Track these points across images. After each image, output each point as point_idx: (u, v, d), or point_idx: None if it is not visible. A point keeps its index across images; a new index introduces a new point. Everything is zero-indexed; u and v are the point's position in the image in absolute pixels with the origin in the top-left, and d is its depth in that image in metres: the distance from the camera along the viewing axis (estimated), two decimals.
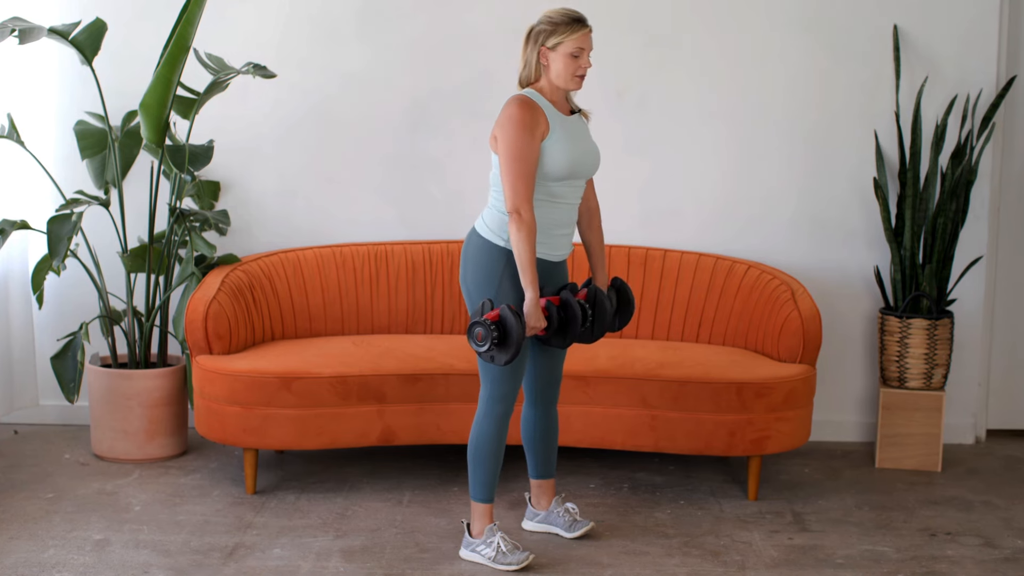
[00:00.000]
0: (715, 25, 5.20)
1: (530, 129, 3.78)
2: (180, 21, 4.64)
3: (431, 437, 4.56)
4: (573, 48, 3.82)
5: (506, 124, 3.79)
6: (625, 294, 4.15)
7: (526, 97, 3.85)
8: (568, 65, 3.84)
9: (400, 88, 5.24)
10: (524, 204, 3.77)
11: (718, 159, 5.26)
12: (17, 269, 5.12)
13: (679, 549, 4.13)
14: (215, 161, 5.16)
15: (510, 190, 3.78)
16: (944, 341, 4.98)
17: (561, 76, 3.85)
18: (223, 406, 4.50)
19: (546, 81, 3.88)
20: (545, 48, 3.84)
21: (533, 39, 3.87)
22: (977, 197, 5.18)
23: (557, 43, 3.82)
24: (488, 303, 3.80)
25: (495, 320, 3.75)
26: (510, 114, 3.80)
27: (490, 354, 3.78)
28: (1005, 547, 4.21)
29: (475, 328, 3.77)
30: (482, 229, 3.93)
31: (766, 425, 4.47)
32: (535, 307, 3.81)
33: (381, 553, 4.05)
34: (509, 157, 3.78)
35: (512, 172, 3.78)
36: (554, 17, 3.83)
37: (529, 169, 3.78)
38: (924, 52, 5.15)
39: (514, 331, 3.74)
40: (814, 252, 5.26)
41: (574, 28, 3.82)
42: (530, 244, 3.77)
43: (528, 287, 3.80)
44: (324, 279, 5.04)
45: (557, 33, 3.82)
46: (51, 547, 4.06)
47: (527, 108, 3.80)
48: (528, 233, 3.77)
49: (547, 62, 3.86)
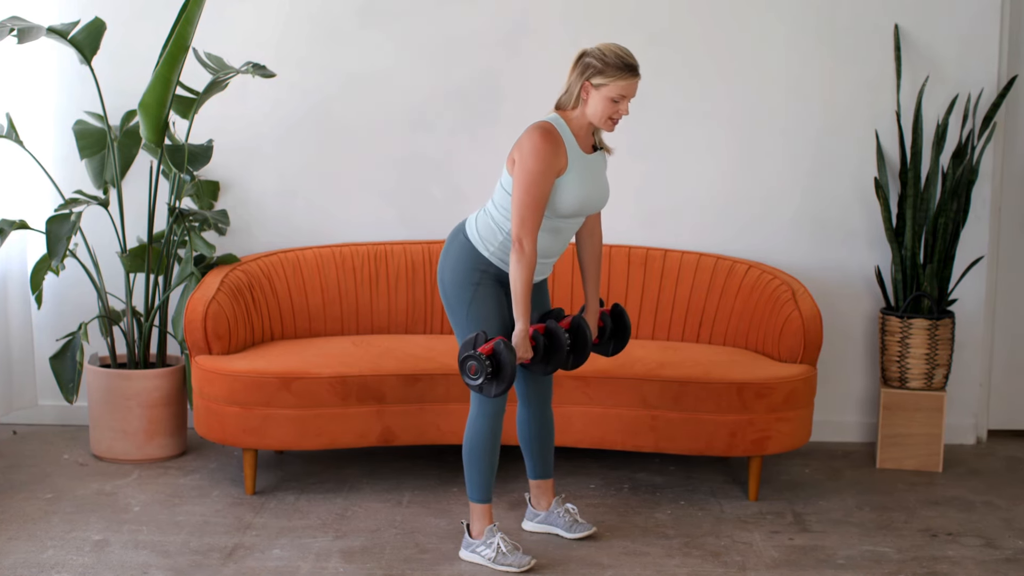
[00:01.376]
0: (715, 25, 5.19)
1: (550, 164, 3.77)
2: (179, 20, 4.63)
3: (431, 437, 4.55)
4: (616, 93, 3.79)
5: (528, 153, 3.77)
6: (622, 321, 4.16)
7: (552, 128, 3.82)
8: (606, 108, 3.81)
9: (400, 88, 5.23)
10: (528, 236, 3.77)
11: (718, 159, 5.25)
12: (16, 269, 5.11)
13: (679, 550, 4.12)
14: (214, 161, 5.15)
15: (518, 220, 3.77)
16: (945, 341, 4.97)
17: (596, 115, 3.83)
18: (222, 406, 4.49)
19: (580, 113, 3.86)
20: (589, 83, 3.80)
21: (581, 68, 3.81)
22: (978, 197, 5.17)
23: (602, 84, 3.78)
24: (482, 335, 3.81)
25: (489, 354, 3.77)
26: (533, 144, 3.77)
27: (480, 386, 3.80)
28: (1006, 548, 4.20)
29: (468, 362, 3.79)
30: (471, 232, 3.93)
31: (767, 425, 4.46)
32: (524, 338, 3.84)
33: (381, 554, 4.05)
34: (523, 188, 3.77)
35: (523, 203, 3.77)
36: (608, 57, 3.78)
37: (541, 203, 3.78)
38: (925, 51, 5.14)
39: (508, 365, 3.76)
40: (815, 252, 5.26)
41: (623, 75, 3.78)
42: (528, 276, 3.79)
43: (520, 318, 3.83)
44: (324, 279, 5.03)
45: (606, 75, 3.77)
46: (50, 548, 4.05)
47: (550, 141, 3.78)
48: (527, 266, 3.78)
49: (587, 97, 3.82)
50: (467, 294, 3.90)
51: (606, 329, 4.15)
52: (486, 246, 3.91)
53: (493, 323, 3.90)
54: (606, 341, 4.17)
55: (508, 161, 3.85)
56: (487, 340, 3.80)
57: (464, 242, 3.94)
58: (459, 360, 3.82)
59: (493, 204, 3.92)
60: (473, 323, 3.89)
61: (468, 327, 3.90)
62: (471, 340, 3.81)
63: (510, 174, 3.83)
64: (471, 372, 3.78)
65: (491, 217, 3.91)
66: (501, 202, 3.88)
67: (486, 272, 3.92)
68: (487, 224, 3.92)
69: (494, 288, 3.92)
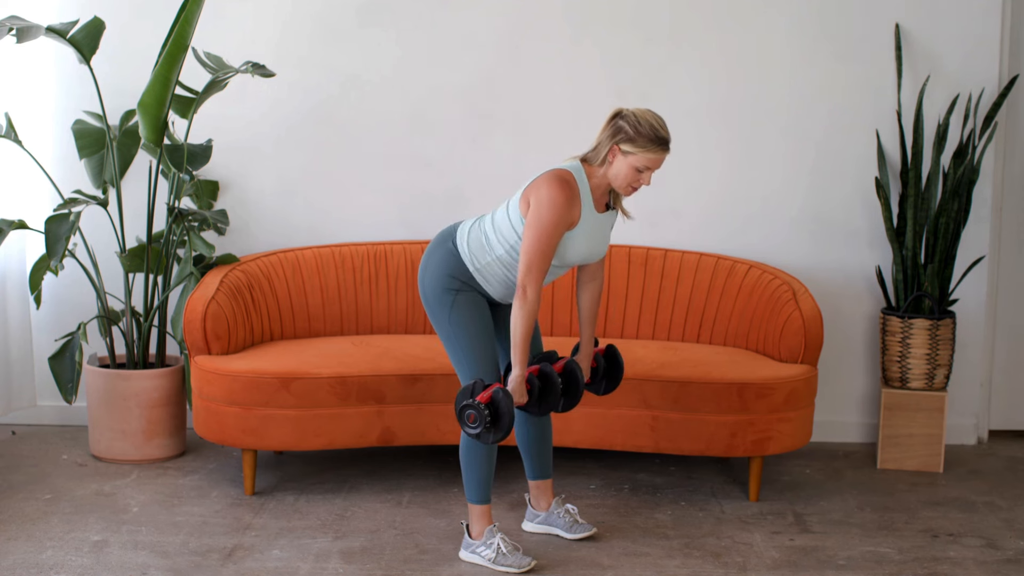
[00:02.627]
0: (716, 24, 5.18)
1: (563, 217, 3.77)
2: (179, 20, 4.62)
3: (431, 438, 4.54)
4: (642, 164, 3.79)
5: (544, 203, 3.76)
6: (615, 361, 4.17)
7: (571, 180, 3.81)
8: (629, 175, 3.81)
9: (400, 87, 5.22)
10: (533, 285, 3.77)
11: (718, 159, 5.24)
12: (15, 269, 5.10)
13: (680, 550, 4.11)
14: (214, 160, 5.15)
15: (524, 267, 3.77)
16: (946, 341, 4.96)
17: (618, 180, 3.83)
18: (222, 407, 4.48)
19: (603, 172, 3.84)
20: (617, 147, 3.79)
21: (613, 130, 3.80)
22: (979, 197, 5.16)
23: (630, 152, 3.77)
24: (480, 383, 3.82)
25: (487, 402, 3.78)
26: (551, 196, 3.76)
27: (479, 435, 3.81)
28: (1007, 548, 4.19)
29: (466, 411, 3.80)
30: (461, 244, 3.93)
31: (767, 426, 4.46)
32: (520, 383, 3.86)
33: (380, 554, 4.04)
34: (534, 237, 3.76)
35: (532, 252, 3.77)
36: (642, 127, 3.77)
37: (549, 254, 3.79)
38: (926, 51, 5.14)
39: (507, 414, 3.77)
40: (815, 252, 5.25)
41: (654, 148, 3.77)
42: (529, 324, 3.79)
43: (517, 364, 3.84)
44: (323, 279, 5.03)
45: (636, 144, 3.76)
46: (49, 548, 4.04)
47: (568, 193, 3.77)
48: (529, 313, 3.78)
49: (613, 159, 3.81)
50: (448, 298, 3.91)
51: (599, 369, 4.18)
52: (473, 262, 3.91)
53: (477, 328, 3.90)
54: (598, 381, 4.20)
55: (522, 201, 3.82)
56: (484, 388, 3.81)
57: (451, 250, 3.93)
58: (456, 409, 3.83)
59: (493, 226, 3.90)
60: (456, 327, 3.89)
61: (452, 331, 3.90)
62: (468, 388, 3.82)
63: (522, 214, 3.82)
64: (470, 421, 3.80)
65: (484, 235, 3.91)
66: (502, 229, 3.87)
67: (467, 283, 3.93)
68: (479, 241, 3.91)
69: (475, 295, 3.94)
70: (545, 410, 3.97)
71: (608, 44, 5.19)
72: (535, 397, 3.93)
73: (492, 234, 3.89)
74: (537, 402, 3.95)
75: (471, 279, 3.92)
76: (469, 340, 3.90)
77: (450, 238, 3.96)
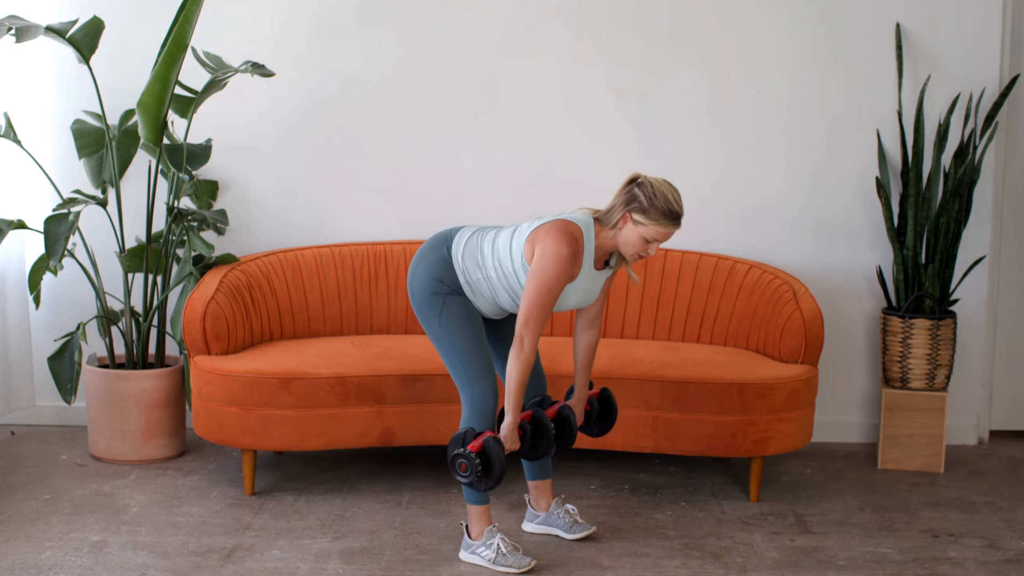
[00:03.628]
0: (716, 23, 5.17)
1: (566, 272, 3.78)
2: (178, 19, 4.62)
3: (431, 438, 4.53)
4: (651, 236, 3.80)
5: (549, 258, 3.76)
6: (609, 404, 4.19)
7: (579, 236, 3.81)
8: (637, 244, 3.82)
9: (399, 87, 5.22)
10: (531, 336, 3.79)
11: (719, 158, 5.24)
12: (14, 269, 5.09)
13: (680, 551, 4.11)
14: (213, 160, 5.14)
15: (523, 317, 3.79)
16: (947, 341, 4.95)
17: (626, 247, 3.84)
18: (221, 407, 4.47)
19: (612, 235, 3.85)
20: (630, 215, 3.79)
21: (628, 197, 3.81)
22: (980, 197, 5.16)
23: (641, 222, 3.78)
24: (471, 432, 3.84)
25: (478, 451, 3.79)
26: (557, 252, 3.76)
27: (471, 483, 3.83)
28: (1008, 549, 4.19)
29: (457, 460, 3.81)
30: (455, 252, 3.92)
31: (768, 426, 4.45)
32: (513, 431, 3.88)
33: (380, 555, 4.03)
34: (535, 289, 3.77)
35: (532, 304, 3.78)
36: (656, 199, 3.77)
37: (549, 306, 3.80)
38: (927, 50, 5.13)
39: (498, 462, 3.79)
40: (816, 252, 5.24)
41: (665, 222, 3.78)
42: (525, 374, 3.81)
43: (510, 412, 3.86)
44: (323, 279, 5.02)
45: (648, 215, 3.77)
46: (48, 549, 4.03)
47: (573, 250, 3.77)
48: (525, 363, 3.80)
49: (623, 225, 3.82)
50: (438, 301, 3.92)
51: (593, 413, 4.19)
52: (464, 274, 3.92)
53: (469, 327, 3.91)
54: (592, 424, 4.21)
55: (527, 244, 3.82)
56: (475, 436, 3.83)
57: (444, 256, 3.93)
58: (448, 458, 3.85)
59: (492, 249, 3.90)
60: (447, 328, 3.90)
61: (443, 332, 3.91)
62: (459, 437, 3.84)
63: (525, 257, 3.82)
64: (461, 470, 3.81)
65: (481, 253, 3.91)
66: (500, 256, 3.87)
67: (456, 290, 3.94)
68: (474, 256, 3.91)
69: (465, 299, 3.94)
70: (537, 456, 4.01)
71: (608, 44, 5.18)
72: (528, 443, 3.96)
73: (489, 256, 3.89)
74: (530, 448, 3.97)
75: (460, 288, 3.93)
76: (461, 340, 3.89)
77: (445, 244, 3.96)
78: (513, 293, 3.90)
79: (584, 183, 5.20)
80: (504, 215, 5.06)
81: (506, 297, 3.92)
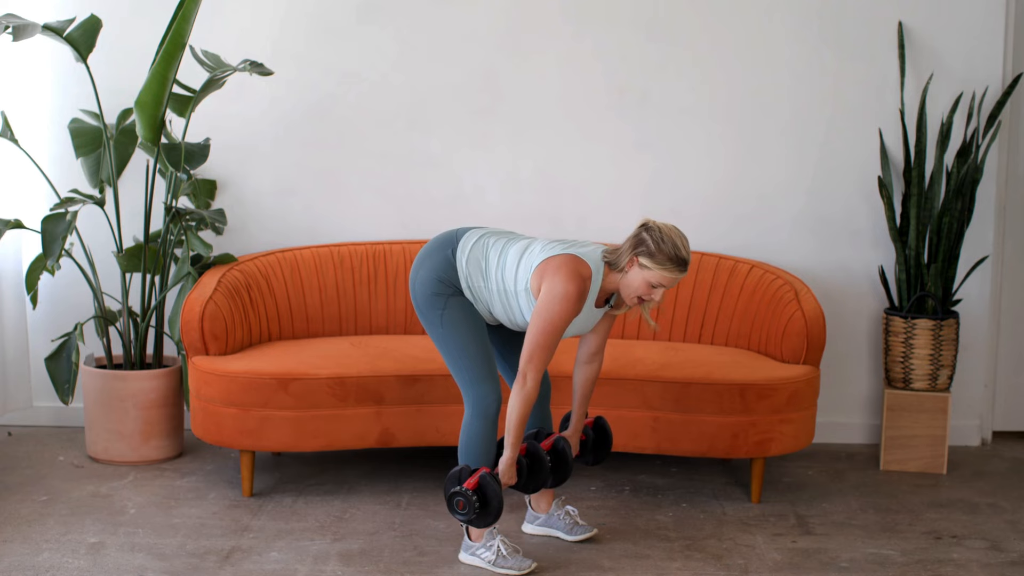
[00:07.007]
0: (717, 22, 5.15)
1: (573, 312, 3.77)
2: (176, 18, 4.60)
3: (430, 439, 4.52)
4: (656, 281, 3.78)
5: (557, 297, 3.74)
6: (604, 432, 4.20)
7: (589, 275, 3.80)
8: (641, 288, 3.80)
9: (399, 86, 5.20)
10: (534, 373, 3.79)
11: (720, 158, 5.22)
12: (11, 269, 5.08)
13: (681, 552, 4.09)
14: (211, 159, 5.13)
15: (528, 354, 3.78)
16: (949, 342, 4.93)
17: (628, 289, 3.83)
18: (219, 407, 4.46)
19: (618, 278, 3.84)
20: (636, 259, 3.78)
21: (636, 241, 3.79)
22: (983, 196, 5.14)
23: (647, 267, 3.76)
24: (467, 469, 3.84)
25: (475, 488, 3.80)
26: (566, 292, 3.74)
27: (470, 520, 3.84)
28: (1011, 550, 4.17)
29: (455, 498, 3.82)
30: (460, 256, 3.91)
31: (769, 427, 4.43)
32: (511, 467, 3.89)
33: (379, 556, 4.01)
34: (540, 328, 3.77)
35: (536, 342, 3.77)
36: (664, 244, 3.75)
37: (554, 345, 3.80)
38: (929, 49, 5.11)
39: (495, 498, 3.80)
40: (818, 252, 5.22)
41: (671, 268, 3.76)
42: (525, 412, 3.81)
43: (509, 447, 3.87)
44: (322, 279, 5.00)
45: (655, 260, 3.75)
46: (45, 550, 4.02)
47: (581, 291, 3.76)
48: (526, 401, 3.80)
49: (629, 268, 3.81)
50: (440, 302, 3.91)
51: (588, 442, 4.19)
52: (467, 279, 3.91)
53: (471, 327, 3.90)
54: (587, 453, 4.21)
55: (534, 276, 3.81)
56: (471, 473, 3.83)
57: (448, 258, 3.92)
58: (445, 496, 3.85)
59: (498, 264, 3.88)
60: (449, 328, 3.89)
61: (445, 333, 3.90)
62: (455, 474, 3.84)
63: (532, 289, 3.81)
64: (459, 508, 3.82)
65: (487, 262, 3.90)
66: (506, 274, 3.86)
67: (460, 291, 3.93)
68: (478, 264, 3.90)
69: (467, 300, 3.93)
70: (535, 489, 4.01)
71: (608, 42, 5.16)
72: (523, 477, 3.96)
73: (495, 268, 3.88)
74: (526, 482, 3.98)
75: (462, 290, 3.92)
76: (464, 340, 3.88)
77: (450, 246, 3.94)
78: (509, 310, 3.90)
79: (584, 181, 5.19)
80: (504, 214, 5.05)
81: (501, 311, 3.92)
